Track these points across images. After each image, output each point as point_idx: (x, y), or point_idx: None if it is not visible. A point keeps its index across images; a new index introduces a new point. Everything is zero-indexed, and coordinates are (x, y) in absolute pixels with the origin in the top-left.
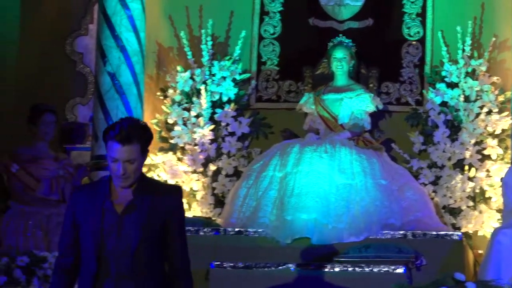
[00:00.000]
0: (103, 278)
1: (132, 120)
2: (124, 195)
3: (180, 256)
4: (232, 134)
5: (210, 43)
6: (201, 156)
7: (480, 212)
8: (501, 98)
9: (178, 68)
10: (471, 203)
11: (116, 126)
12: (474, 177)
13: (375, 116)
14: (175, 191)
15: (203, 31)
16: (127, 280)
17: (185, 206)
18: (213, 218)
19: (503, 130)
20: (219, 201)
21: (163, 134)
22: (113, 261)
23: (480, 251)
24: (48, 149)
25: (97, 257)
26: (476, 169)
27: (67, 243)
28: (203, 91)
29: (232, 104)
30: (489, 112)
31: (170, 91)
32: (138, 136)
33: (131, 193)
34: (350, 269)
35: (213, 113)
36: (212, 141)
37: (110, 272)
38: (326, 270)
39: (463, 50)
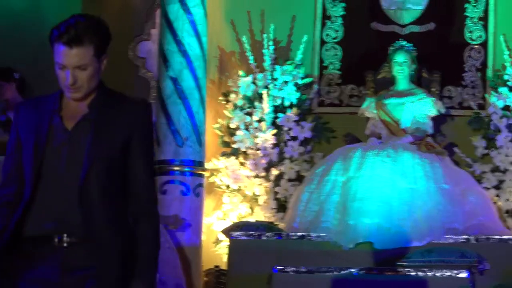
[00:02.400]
0: (37, 221)
1: (82, 16)
2: (78, 109)
3: (143, 190)
4: (294, 138)
5: (272, 47)
6: (263, 161)
7: None
8: None
9: (240, 72)
10: None
11: (61, 24)
12: None
13: (437, 120)
14: (141, 105)
15: (265, 35)
16: (73, 235)
17: (247, 209)
18: (276, 223)
19: None
20: (281, 206)
21: (225, 138)
22: (56, 197)
23: None
24: None
25: (33, 184)
26: None
27: (9, 169)
28: (265, 96)
29: (294, 109)
30: None
31: (232, 95)
32: (90, 34)
33: (86, 107)
34: (413, 273)
35: (275, 117)
36: (274, 145)
37: (50, 213)
38: (389, 274)
39: None
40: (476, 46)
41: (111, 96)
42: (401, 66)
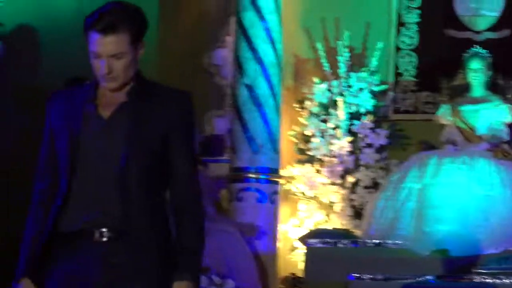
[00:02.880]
0: (76, 214)
1: (118, 2)
2: (114, 99)
3: (185, 184)
4: (370, 145)
5: (347, 54)
6: (339, 168)
7: None
8: None
9: (315, 79)
10: None
11: (95, 11)
12: None
13: None
14: (182, 95)
15: (339, 42)
16: (112, 229)
17: (323, 217)
18: (352, 230)
19: None
20: (357, 213)
21: (301, 146)
22: (93, 189)
23: None
24: None
25: (69, 176)
26: None
27: (43, 163)
28: (340, 103)
29: (370, 116)
30: None
31: (307, 102)
32: (126, 22)
33: (124, 96)
34: (489, 280)
35: (351, 124)
36: (350, 152)
37: (87, 206)
38: (465, 281)
39: None
40: None
41: (149, 86)
42: (476, 72)
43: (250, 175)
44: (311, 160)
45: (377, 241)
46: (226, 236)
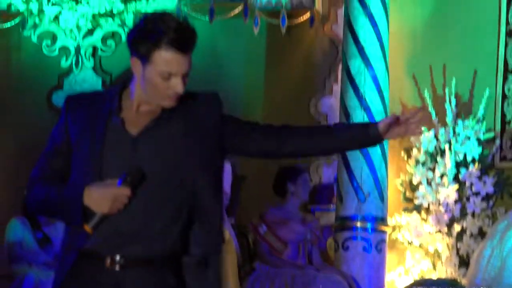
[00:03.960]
0: (94, 248)
1: (184, 18)
2: (142, 115)
3: (212, 220)
4: (476, 194)
5: (453, 102)
6: (445, 216)
7: None
8: None
9: (422, 127)
10: None
11: (168, 26)
12: None
13: None
14: (214, 98)
15: (446, 89)
16: (127, 257)
17: (430, 265)
18: (458, 279)
19: None
20: (463, 262)
21: (408, 194)
22: (115, 220)
23: None
24: (297, 211)
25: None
26: None
27: (44, 170)
28: (447, 151)
29: (476, 164)
30: None
31: (414, 151)
32: (195, 40)
33: (153, 113)
34: None
35: (457, 172)
36: (457, 201)
37: (102, 228)
38: None
39: None
40: None
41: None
42: None
43: (357, 224)
44: (417, 208)
45: None
46: (333, 285)
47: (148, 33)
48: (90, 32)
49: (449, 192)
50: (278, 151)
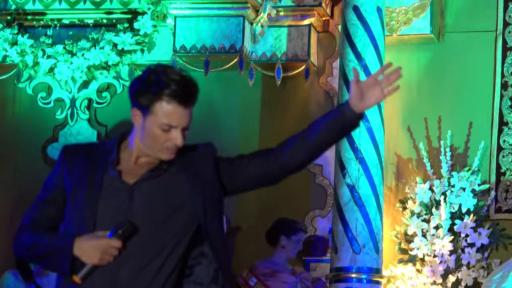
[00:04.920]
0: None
1: (185, 72)
2: (139, 166)
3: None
4: (471, 245)
5: (449, 154)
6: (440, 268)
7: None
8: None
9: (417, 179)
10: None
11: (171, 78)
12: None
13: None
14: (207, 146)
15: (442, 142)
16: None
17: None
18: None
19: None
20: None
21: (403, 245)
22: (109, 273)
23: None
24: (286, 263)
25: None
26: None
27: (35, 219)
28: (442, 203)
29: (471, 215)
30: None
31: (409, 202)
32: (197, 93)
33: (150, 165)
34: None
35: (452, 224)
36: (452, 252)
37: (97, 282)
38: None
39: None
40: None
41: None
42: None
43: (352, 275)
44: (412, 259)
45: None
46: None
47: (151, 85)
48: (85, 84)
49: (444, 243)
50: (277, 163)
